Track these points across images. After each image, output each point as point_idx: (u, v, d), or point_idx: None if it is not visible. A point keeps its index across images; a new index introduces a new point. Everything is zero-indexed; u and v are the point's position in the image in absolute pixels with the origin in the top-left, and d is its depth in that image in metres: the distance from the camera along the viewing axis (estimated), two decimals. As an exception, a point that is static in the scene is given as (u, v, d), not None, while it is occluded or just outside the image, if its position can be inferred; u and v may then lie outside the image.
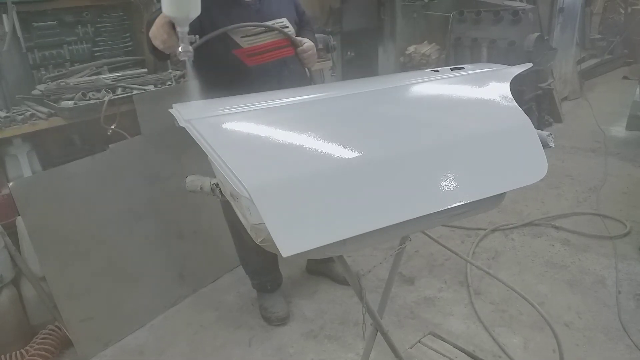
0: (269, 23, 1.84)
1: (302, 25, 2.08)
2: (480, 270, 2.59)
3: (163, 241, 2.35)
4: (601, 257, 2.65)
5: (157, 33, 1.54)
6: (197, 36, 1.55)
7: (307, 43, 1.94)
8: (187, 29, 1.46)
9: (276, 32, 1.86)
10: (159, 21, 1.53)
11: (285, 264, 2.61)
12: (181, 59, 1.51)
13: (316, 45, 2.03)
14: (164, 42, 1.54)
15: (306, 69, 2.06)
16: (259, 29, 1.81)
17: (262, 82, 1.80)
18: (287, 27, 1.91)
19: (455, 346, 1.92)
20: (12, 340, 2.06)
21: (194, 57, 1.53)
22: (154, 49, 1.65)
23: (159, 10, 1.54)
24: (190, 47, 1.49)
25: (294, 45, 1.92)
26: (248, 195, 0.91)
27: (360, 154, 1.06)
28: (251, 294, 2.49)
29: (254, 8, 1.85)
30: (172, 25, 1.50)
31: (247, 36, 1.80)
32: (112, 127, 2.26)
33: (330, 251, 1.04)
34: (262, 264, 2.27)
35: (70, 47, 2.51)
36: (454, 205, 1.07)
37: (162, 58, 1.77)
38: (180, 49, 1.46)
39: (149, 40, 1.62)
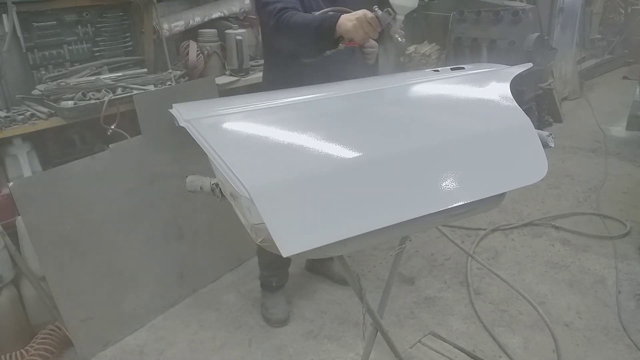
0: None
1: None
2: (481, 268, 2.59)
3: (163, 241, 2.35)
4: (601, 257, 2.65)
5: (359, 28, 1.58)
6: (402, 22, 1.64)
7: (373, 41, 1.96)
8: (403, 17, 1.59)
9: None
10: (362, 18, 1.56)
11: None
12: (400, 40, 1.61)
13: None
14: (366, 35, 1.59)
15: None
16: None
17: (331, 67, 1.81)
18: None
19: (455, 346, 1.92)
20: (12, 340, 2.06)
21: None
22: (325, 48, 1.69)
23: (297, 13, 1.71)
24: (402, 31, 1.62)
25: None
26: (248, 195, 0.91)
27: (360, 154, 1.06)
28: (251, 293, 2.49)
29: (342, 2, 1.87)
30: (378, 19, 1.57)
31: None
32: (112, 127, 2.26)
33: (330, 251, 1.04)
34: (278, 257, 2.26)
35: (70, 47, 2.51)
36: (454, 205, 1.07)
37: (321, 54, 1.78)
38: (397, 35, 1.58)
39: (321, 43, 1.67)
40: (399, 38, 1.58)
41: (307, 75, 1.73)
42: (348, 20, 1.59)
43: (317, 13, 1.76)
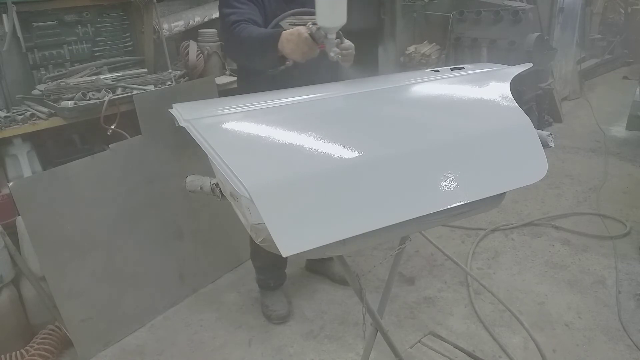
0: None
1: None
2: (481, 268, 2.59)
3: (163, 241, 2.35)
4: (601, 257, 2.65)
5: (296, 48, 1.59)
6: (338, 40, 1.63)
7: (349, 42, 1.95)
8: (334, 36, 1.56)
9: None
10: (296, 38, 1.58)
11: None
12: (335, 60, 1.59)
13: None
14: (304, 55, 1.60)
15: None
16: (305, 19, 1.81)
17: (301, 70, 1.80)
18: None
19: (455, 346, 1.92)
20: (12, 340, 2.06)
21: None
22: (273, 63, 1.70)
23: (248, 26, 1.71)
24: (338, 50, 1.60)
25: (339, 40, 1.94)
26: (248, 195, 0.91)
27: (360, 153, 1.06)
28: (251, 293, 2.49)
29: (301, 2, 1.87)
30: (313, 38, 1.57)
31: (295, 25, 1.79)
32: (112, 127, 2.26)
33: (330, 251, 1.04)
34: (270, 261, 2.29)
35: (70, 47, 2.51)
36: (454, 205, 1.07)
37: (271, 68, 1.80)
38: (332, 54, 1.56)
39: (268, 57, 1.67)
40: (334, 57, 1.55)
41: (278, 83, 1.69)
42: (286, 40, 1.60)
43: (273, 22, 1.77)
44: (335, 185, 1.00)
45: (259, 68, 1.84)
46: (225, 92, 2.77)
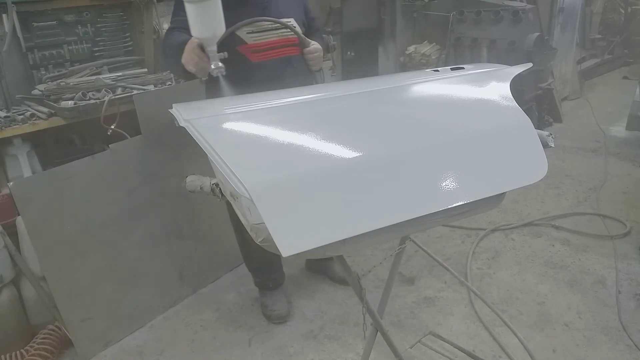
0: (283, 20, 1.86)
1: (311, 31, 2.09)
2: (481, 268, 2.59)
3: (163, 241, 2.35)
4: (601, 257, 2.65)
5: (189, 58, 1.60)
6: (225, 53, 1.61)
7: (314, 45, 1.94)
8: (215, 47, 1.55)
9: (283, 30, 1.86)
10: (188, 47, 1.59)
11: (285, 263, 2.60)
12: (215, 75, 1.58)
13: (324, 50, 2.05)
14: (196, 65, 1.60)
15: (311, 71, 2.06)
16: (266, 25, 1.83)
17: (264, 79, 1.81)
18: (295, 27, 1.91)
19: (455, 346, 1.92)
20: (12, 340, 2.06)
21: None
22: (185, 73, 1.70)
23: (175, 33, 1.67)
24: (221, 63, 1.58)
25: (302, 45, 1.93)
26: (248, 195, 0.91)
27: (360, 153, 1.06)
28: (251, 293, 2.49)
29: (261, 6, 1.86)
30: (201, 48, 1.57)
31: (253, 32, 1.82)
32: (112, 127, 2.26)
33: (330, 251, 1.04)
34: (264, 262, 2.28)
35: (70, 47, 2.51)
36: (454, 205, 1.07)
37: (191, 78, 1.81)
38: (212, 67, 1.55)
39: (180, 66, 1.67)
40: (214, 70, 1.55)
41: (238, 88, 1.69)
42: (185, 50, 1.61)
43: (227, 31, 1.71)
44: (335, 185, 1.00)
45: (180, 77, 1.87)
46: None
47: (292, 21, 1.90)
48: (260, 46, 1.84)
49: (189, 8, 1.46)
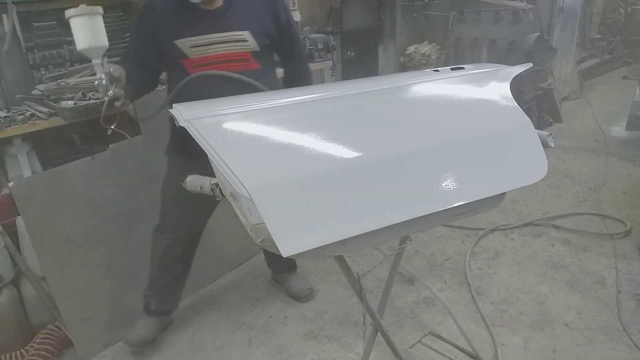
0: (226, 36, 1.75)
1: (284, 42, 1.93)
2: (481, 268, 2.60)
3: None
4: (601, 257, 2.65)
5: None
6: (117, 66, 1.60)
7: (117, 89, 1.66)
8: (99, 60, 1.53)
9: (232, 42, 1.76)
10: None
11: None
12: (97, 90, 1.56)
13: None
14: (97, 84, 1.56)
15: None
16: (211, 39, 1.73)
17: (201, 95, 1.66)
18: (246, 40, 1.78)
19: (455, 346, 1.92)
20: (12, 340, 2.06)
21: None
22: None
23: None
24: (116, 88, 1.56)
25: (257, 89, 1.72)
26: (248, 195, 0.91)
27: (360, 153, 1.06)
28: (251, 293, 2.49)
29: (212, 17, 1.75)
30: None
31: (197, 47, 1.74)
32: (112, 127, 2.25)
33: (330, 251, 1.04)
34: (165, 283, 2.12)
35: (70, 47, 2.51)
36: (454, 205, 1.07)
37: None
38: (96, 79, 1.53)
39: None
40: (95, 82, 1.53)
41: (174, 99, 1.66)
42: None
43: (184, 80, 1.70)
44: (335, 185, 1.00)
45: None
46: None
47: (244, 35, 1.77)
48: (202, 60, 1.75)
49: (74, 23, 1.47)
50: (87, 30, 1.47)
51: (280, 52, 2.01)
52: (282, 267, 2.47)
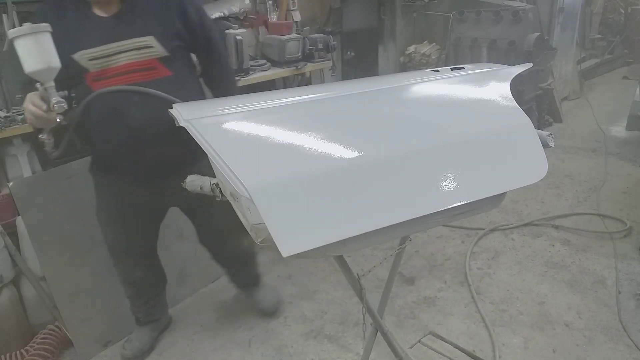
0: (128, 42, 1.59)
1: (197, 42, 1.76)
2: (481, 268, 2.59)
3: (163, 241, 2.34)
4: (601, 257, 2.65)
5: (27, 112, 1.45)
6: (66, 92, 1.48)
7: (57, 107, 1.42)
8: (53, 83, 1.37)
9: (137, 50, 1.59)
10: (26, 104, 1.45)
11: (285, 263, 2.61)
12: (59, 112, 1.41)
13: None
14: (38, 118, 1.43)
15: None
16: (111, 49, 1.57)
17: (104, 110, 1.61)
18: (151, 46, 1.61)
19: (455, 346, 1.92)
20: (12, 340, 2.06)
21: None
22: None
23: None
24: (61, 98, 1.40)
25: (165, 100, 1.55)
26: (248, 195, 0.91)
27: (361, 153, 1.06)
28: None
29: (110, 24, 1.59)
30: (41, 97, 1.41)
31: (96, 59, 1.58)
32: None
33: (330, 251, 1.04)
34: (138, 291, 2.09)
35: (70, 47, 2.51)
36: (454, 205, 1.07)
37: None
38: (53, 101, 1.37)
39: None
40: (56, 105, 1.38)
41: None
42: (25, 110, 1.49)
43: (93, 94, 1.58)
44: (335, 185, 1.00)
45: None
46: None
47: (148, 40, 1.60)
48: (103, 73, 1.59)
49: (18, 44, 1.29)
50: (34, 51, 1.30)
51: (197, 53, 1.84)
52: (246, 281, 2.34)
